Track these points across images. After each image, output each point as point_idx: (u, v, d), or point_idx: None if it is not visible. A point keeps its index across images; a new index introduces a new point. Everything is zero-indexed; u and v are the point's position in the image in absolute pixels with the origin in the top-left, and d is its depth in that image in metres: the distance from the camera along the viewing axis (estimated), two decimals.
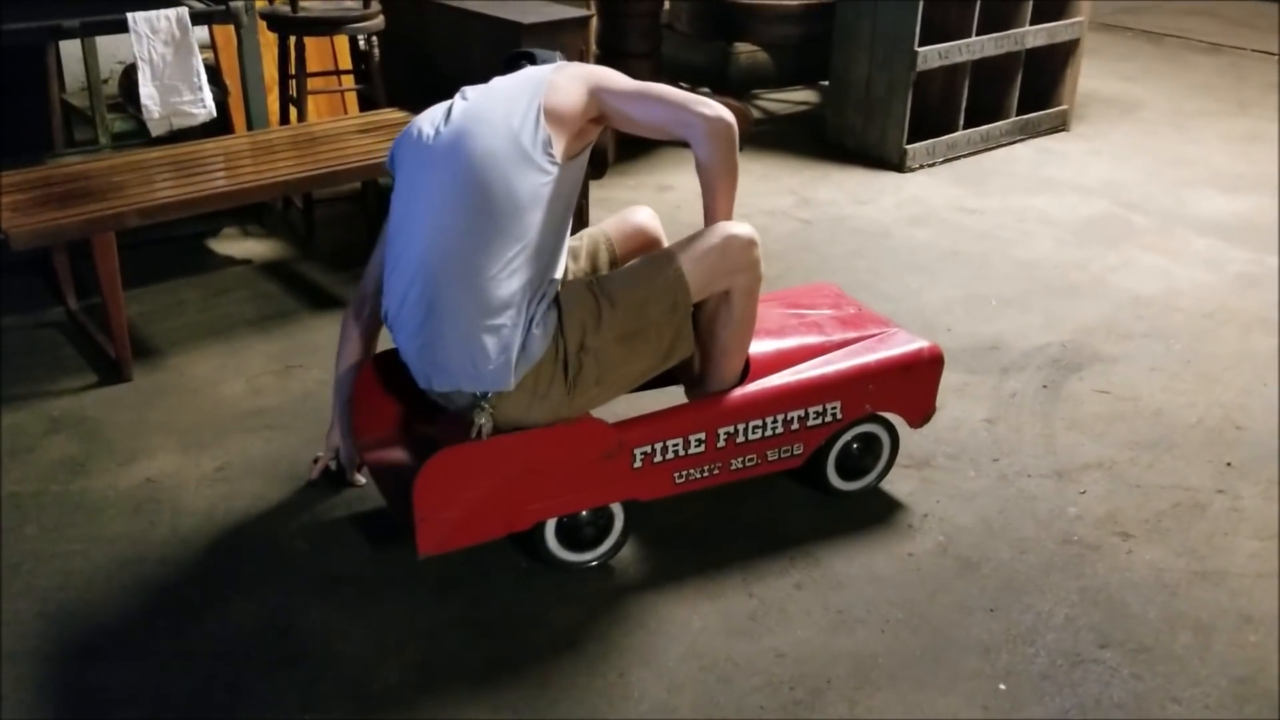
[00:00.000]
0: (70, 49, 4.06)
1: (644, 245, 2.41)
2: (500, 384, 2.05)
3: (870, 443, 2.50)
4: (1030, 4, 4.71)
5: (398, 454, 2.37)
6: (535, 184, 2.03)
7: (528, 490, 2.15)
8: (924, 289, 3.56)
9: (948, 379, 2.95)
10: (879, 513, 2.48)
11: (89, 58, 3.83)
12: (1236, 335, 3.28)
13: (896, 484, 2.56)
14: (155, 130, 3.38)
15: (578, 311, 2.10)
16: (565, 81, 2.12)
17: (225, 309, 3.35)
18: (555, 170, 2.05)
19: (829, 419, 2.37)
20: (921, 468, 2.63)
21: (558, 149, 2.05)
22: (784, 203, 4.22)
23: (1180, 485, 2.59)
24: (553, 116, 2.06)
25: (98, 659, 2.05)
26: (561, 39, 3.65)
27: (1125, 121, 5.27)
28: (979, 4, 4.53)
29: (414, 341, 2.11)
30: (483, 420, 2.07)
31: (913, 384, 2.47)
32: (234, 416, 2.79)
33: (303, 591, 2.22)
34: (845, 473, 2.50)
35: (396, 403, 2.40)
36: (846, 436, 2.45)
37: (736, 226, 2.20)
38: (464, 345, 2.04)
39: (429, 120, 2.16)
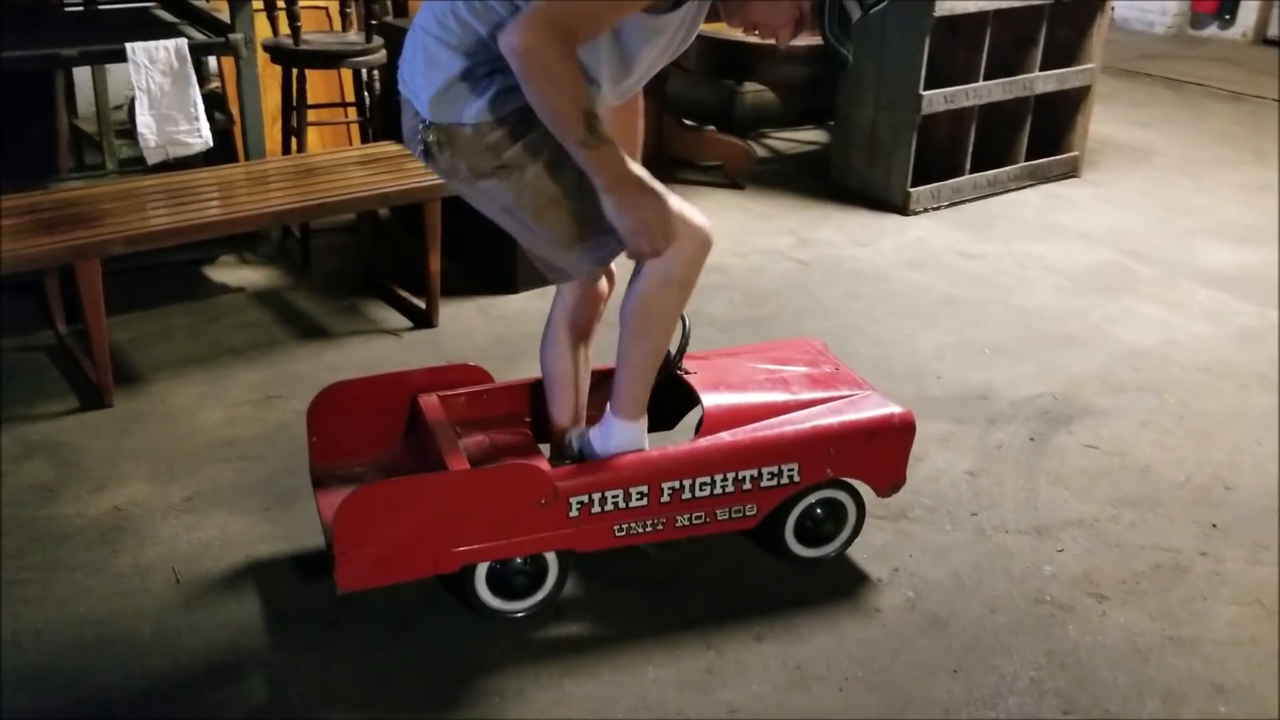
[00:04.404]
0: (84, 75, 4.13)
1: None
2: (422, 106, 1.93)
3: (835, 509, 2.40)
4: (1040, 50, 4.68)
5: (336, 487, 2.31)
6: None
7: (456, 532, 2.09)
8: (917, 334, 3.51)
9: (933, 429, 2.92)
10: (849, 565, 2.42)
11: (99, 84, 3.90)
12: (1234, 391, 3.21)
13: (870, 535, 2.50)
14: (151, 159, 3.40)
15: (537, 146, 1.91)
16: None
17: (213, 336, 3.36)
18: None
19: (785, 481, 2.27)
20: (897, 519, 2.58)
21: None
22: (783, 243, 4.20)
23: (1161, 546, 2.53)
24: None
25: (37, 691, 2.03)
26: None
27: (1137, 168, 5.21)
28: (987, 49, 4.50)
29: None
30: (431, 138, 1.93)
31: (879, 450, 2.35)
32: (208, 446, 2.79)
33: (252, 629, 2.20)
34: (806, 539, 2.40)
35: (352, 434, 2.37)
36: (809, 501, 2.36)
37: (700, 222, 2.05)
38: (416, 44, 1.95)
39: None
